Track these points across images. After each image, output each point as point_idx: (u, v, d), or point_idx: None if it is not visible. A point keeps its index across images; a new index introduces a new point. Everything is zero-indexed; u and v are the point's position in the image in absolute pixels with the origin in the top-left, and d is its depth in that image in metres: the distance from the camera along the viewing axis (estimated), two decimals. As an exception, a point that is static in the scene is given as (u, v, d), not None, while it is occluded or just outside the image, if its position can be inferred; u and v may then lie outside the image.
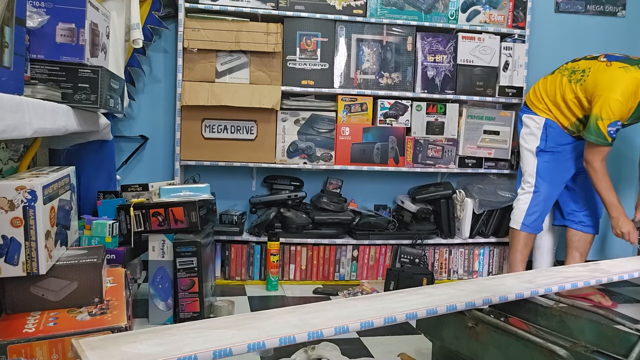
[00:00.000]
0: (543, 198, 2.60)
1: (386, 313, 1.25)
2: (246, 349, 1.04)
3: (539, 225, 2.63)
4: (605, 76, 2.38)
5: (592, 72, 2.43)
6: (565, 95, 2.49)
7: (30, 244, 1.24)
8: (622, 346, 1.38)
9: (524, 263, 2.67)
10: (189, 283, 2.05)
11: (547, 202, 2.61)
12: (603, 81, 2.37)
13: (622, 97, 2.30)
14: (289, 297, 2.57)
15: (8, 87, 1.14)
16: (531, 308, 1.61)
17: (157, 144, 2.91)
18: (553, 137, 2.55)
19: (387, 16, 2.82)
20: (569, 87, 2.48)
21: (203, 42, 2.65)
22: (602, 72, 2.40)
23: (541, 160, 2.61)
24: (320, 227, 2.81)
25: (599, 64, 2.43)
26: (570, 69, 2.54)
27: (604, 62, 2.43)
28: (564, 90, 2.50)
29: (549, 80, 2.60)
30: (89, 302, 1.38)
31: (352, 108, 2.83)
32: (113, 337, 1.10)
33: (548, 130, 2.56)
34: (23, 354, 1.18)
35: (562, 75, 2.54)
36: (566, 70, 2.55)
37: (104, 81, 1.64)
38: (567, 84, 2.49)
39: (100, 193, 2.23)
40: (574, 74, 2.49)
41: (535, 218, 2.61)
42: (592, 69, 2.44)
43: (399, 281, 2.51)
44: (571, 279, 1.65)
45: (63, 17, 1.56)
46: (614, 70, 2.37)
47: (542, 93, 2.59)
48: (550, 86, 2.57)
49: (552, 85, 2.56)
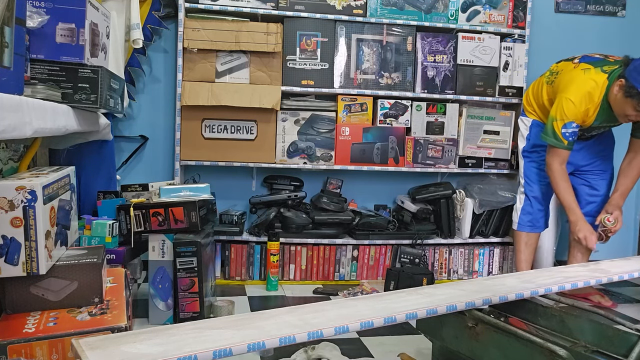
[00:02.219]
0: (534, 198, 2.61)
1: (386, 313, 1.25)
2: (246, 349, 1.04)
3: (536, 224, 2.63)
4: (566, 77, 2.39)
5: (560, 74, 2.44)
6: (543, 96, 2.51)
7: (30, 244, 1.24)
8: (622, 346, 1.38)
9: (528, 263, 2.66)
10: (189, 283, 2.05)
11: (539, 201, 2.61)
12: (562, 82, 2.38)
13: (574, 97, 2.28)
14: (289, 297, 2.57)
15: (8, 87, 1.14)
16: (531, 308, 1.61)
17: (157, 144, 2.91)
18: (537, 136, 2.55)
19: (387, 16, 2.82)
20: (545, 89, 2.51)
21: (203, 42, 2.65)
22: (567, 73, 2.41)
23: (527, 162, 2.64)
24: (320, 227, 2.81)
25: (569, 65, 2.44)
26: (551, 70, 2.55)
27: (575, 63, 2.43)
28: (542, 92, 2.52)
29: (536, 82, 2.63)
30: (89, 302, 1.38)
31: (352, 108, 2.83)
32: (113, 337, 1.10)
33: (532, 130, 2.58)
34: (23, 354, 1.18)
35: (544, 77, 2.56)
36: (548, 72, 2.56)
37: (104, 81, 1.64)
38: (544, 86, 2.52)
39: (100, 193, 2.23)
40: (552, 75, 2.50)
41: (530, 218, 2.62)
42: (563, 70, 2.45)
43: (399, 281, 2.51)
44: (571, 279, 1.65)
45: (63, 17, 1.56)
46: (575, 71, 2.37)
47: (531, 95, 2.61)
48: (536, 88, 2.59)
49: (537, 88, 2.58)
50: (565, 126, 2.30)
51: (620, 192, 2.43)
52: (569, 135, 2.31)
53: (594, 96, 2.27)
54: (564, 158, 2.37)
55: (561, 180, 2.38)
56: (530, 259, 2.67)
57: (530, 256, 2.67)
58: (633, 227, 3.39)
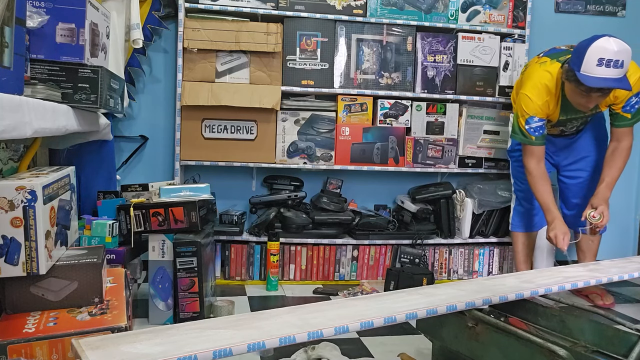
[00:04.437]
0: (523, 197, 2.61)
1: (386, 313, 1.25)
2: (246, 349, 1.04)
3: (529, 224, 2.61)
4: (526, 73, 2.39)
5: (526, 70, 2.44)
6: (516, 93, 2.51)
7: (30, 244, 1.24)
8: (622, 346, 1.38)
9: (527, 263, 2.65)
10: (189, 283, 2.05)
11: (528, 200, 2.59)
12: (523, 78, 2.39)
13: (529, 92, 2.26)
14: (289, 297, 2.57)
15: (8, 87, 1.14)
16: (531, 308, 1.61)
17: (157, 144, 2.91)
18: None
19: (387, 16, 2.82)
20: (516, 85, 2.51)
21: (203, 42, 2.65)
22: (528, 68, 2.41)
23: (512, 161, 2.65)
24: (320, 227, 2.81)
25: (534, 60, 2.43)
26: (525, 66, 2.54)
27: (539, 57, 2.41)
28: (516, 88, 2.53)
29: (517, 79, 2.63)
30: (89, 302, 1.38)
31: (352, 108, 2.83)
32: (113, 337, 1.10)
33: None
34: (23, 354, 1.18)
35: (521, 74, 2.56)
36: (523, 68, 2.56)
37: (104, 81, 1.64)
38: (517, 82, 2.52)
39: (100, 193, 2.23)
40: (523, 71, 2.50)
41: (521, 217, 2.62)
42: (528, 66, 2.44)
43: (399, 281, 2.51)
44: (571, 279, 1.65)
45: (63, 17, 1.56)
46: (534, 65, 2.36)
47: (514, 93, 2.59)
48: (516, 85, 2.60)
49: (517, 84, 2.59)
50: (527, 122, 2.29)
51: (606, 183, 2.32)
52: (534, 131, 2.28)
53: (551, 88, 2.24)
54: (538, 155, 2.33)
55: (539, 179, 2.33)
56: (528, 259, 2.66)
57: (528, 256, 2.66)
58: (633, 227, 3.39)
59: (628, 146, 2.33)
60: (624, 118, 2.29)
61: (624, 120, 2.29)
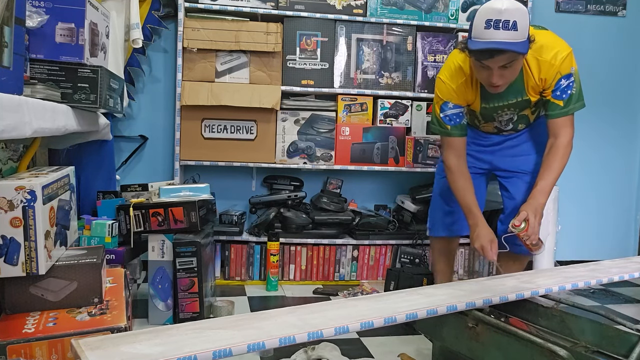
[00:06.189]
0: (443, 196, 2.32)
1: (386, 313, 1.24)
2: (246, 349, 1.04)
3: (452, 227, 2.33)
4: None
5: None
6: None
7: (30, 244, 1.24)
8: (623, 346, 1.38)
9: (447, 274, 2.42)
10: (188, 283, 2.05)
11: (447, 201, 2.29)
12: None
13: (443, 75, 2.01)
14: (289, 297, 2.57)
15: (8, 87, 1.13)
16: (531, 308, 1.61)
17: (157, 144, 2.91)
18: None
19: (387, 16, 2.82)
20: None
21: (203, 42, 2.65)
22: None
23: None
24: (320, 227, 2.81)
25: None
26: None
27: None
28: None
29: None
30: (89, 303, 1.38)
31: (352, 108, 2.83)
32: (113, 337, 1.10)
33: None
34: (22, 354, 1.18)
35: None
36: None
37: (104, 81, 1.64)
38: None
39: (100, 193, 2.23)
40: None
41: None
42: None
43: (399, 281, 2.51)
44: (571, 279, 1.65)
45: (62, 16, 1.56)
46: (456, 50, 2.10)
47: None
48: None
49: None
50: (442, 109, 2.02)
51: (540, 188, 1.93)
52: (450, 119, 2.02)
53: (465, 69, 1.97)
54: (458, 150, 2.05)
55: (458, 177, 2.04)
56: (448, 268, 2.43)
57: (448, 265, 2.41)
58: (633, 227, 3.39)
59: (566, 143, 1.95)
60: (556, 106, 1.94)
61: (556, 108, 1.94)
